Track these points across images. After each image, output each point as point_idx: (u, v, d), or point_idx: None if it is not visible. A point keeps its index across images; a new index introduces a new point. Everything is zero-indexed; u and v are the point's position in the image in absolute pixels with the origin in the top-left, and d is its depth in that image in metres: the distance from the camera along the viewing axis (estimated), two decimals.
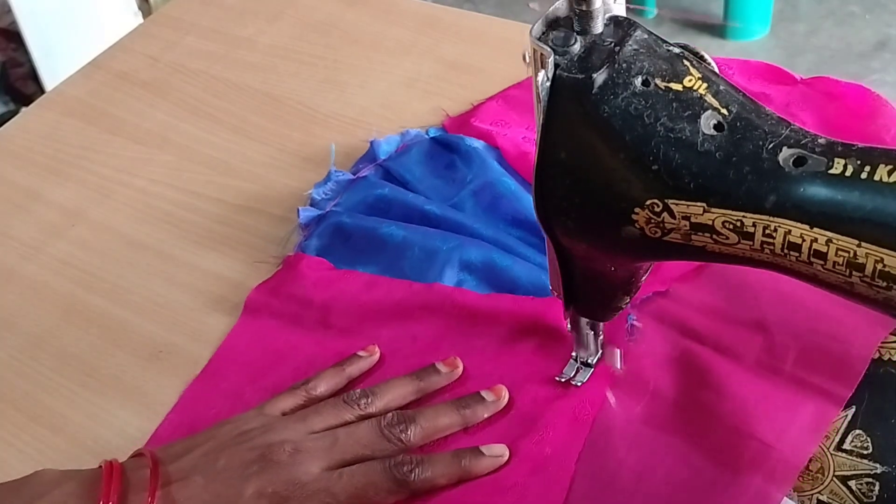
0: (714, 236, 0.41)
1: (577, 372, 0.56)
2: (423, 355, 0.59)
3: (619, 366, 0.56)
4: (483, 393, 0.56)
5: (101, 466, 0.51)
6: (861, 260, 0.37)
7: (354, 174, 0.73)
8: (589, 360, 0.56)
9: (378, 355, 0.60)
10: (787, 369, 0.55)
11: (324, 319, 0.63)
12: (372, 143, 0.74)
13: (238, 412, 0.56)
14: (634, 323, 0.58)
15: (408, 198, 0.69)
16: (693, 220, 0.41)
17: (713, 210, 0.40)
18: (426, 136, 0.75)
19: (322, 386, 0.57)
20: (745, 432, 0.52)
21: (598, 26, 0.42)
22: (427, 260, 0.64)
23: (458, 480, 0.52)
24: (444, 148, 0.73)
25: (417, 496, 0.52)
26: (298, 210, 0.70)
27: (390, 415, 0.54)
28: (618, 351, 0.56)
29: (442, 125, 0.76)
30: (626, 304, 0.51)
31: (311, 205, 0.71)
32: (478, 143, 0.72)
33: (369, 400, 0.55)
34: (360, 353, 0.59)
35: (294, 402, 0.56)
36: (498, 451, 0.53)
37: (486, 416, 0.55)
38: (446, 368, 0.58)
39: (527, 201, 0.66)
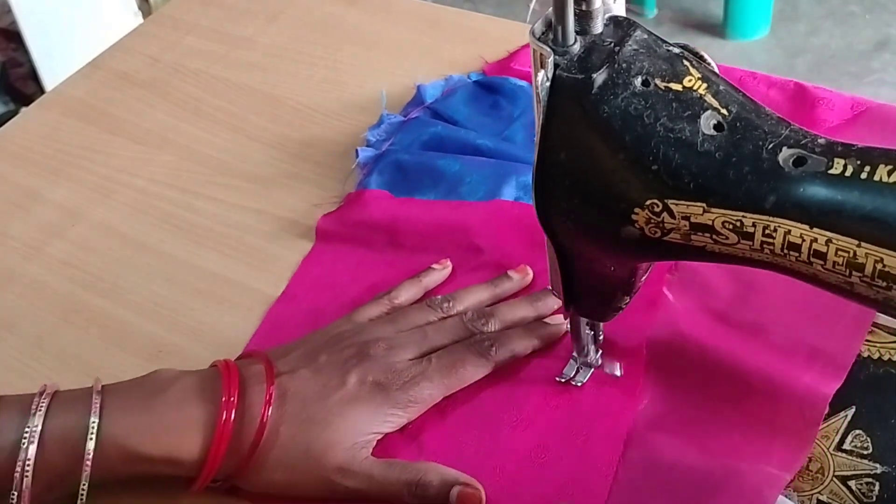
0: (714, 236, 0.41)
1: (577, 372, 0.56)
2: (489, 267, 0.63)
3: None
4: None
5: (214, 365, 0.54)
6: (861, 260, 0.37)
7: (405, 117, 0.76)
8: (589, 361, 0.56)
9: (451, 268, 0.64)
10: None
11: (392, 240, 0.67)
12: (418, 87, 0.78)
13: (322, 327, 0.59)
14: None
15: (460, 133, 0.73)
16: (693, 220, 0.41)
17: (713, 210, 0.40)
18: (469, 80, 0.78)
19: (403, 295, 0.61)
20: (794, 336, 0.56)
21: (598, 26, 0.42)
22: (484, 184, 0.68)
23: (531, 350, 0.58)
24: (488, 90, 0.77)
25: (499, 366, 0.57)
26: (357, 150, 0.73)
27: (471, 311, 0.59)
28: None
29: (482, 71, 0.80)
30: (626, 303, 0.51)
31: (367, 146, 0.74)
32: (521, 83, 0.76)
33: (450, 304, 0.60)
34: (435, 265, 0.64)
35: (379, 311, 0.60)
36: (558, 320, 0.59)
37: (556, 306, 0.60)
38: (518, 276, 0.62)
39: None
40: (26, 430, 0.49)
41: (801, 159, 0.39)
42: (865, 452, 0.51)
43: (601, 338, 0.56)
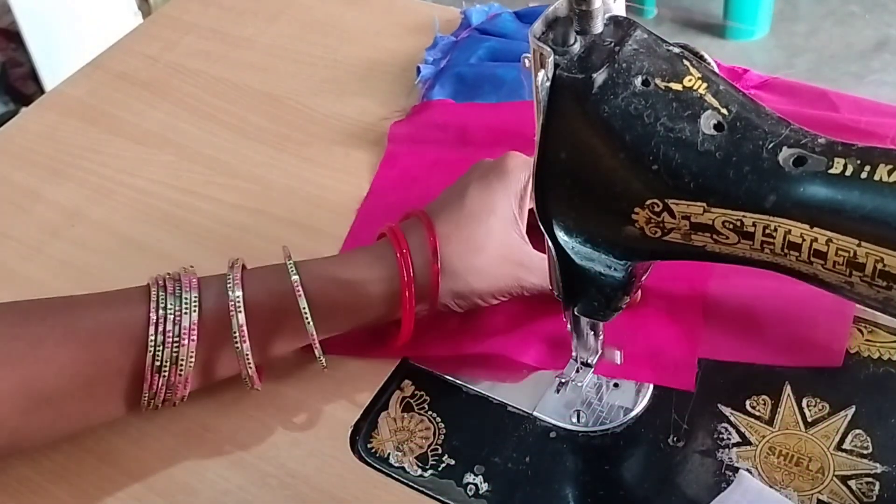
0: (714, 236, 0.41)
1: (577, 372, 0.56)
2: None
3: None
4: None
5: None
6: (861, 259, 0.37)
7: (457, 38, 0.82)
8: (589, 360, 0.56)
9: None
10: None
11: (463, 138, 0.72)
12: (464, 12, 0.85)
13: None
14: None
15: (513, 45, 0.78)
16: (693, 219, 0.41)
17: (713, 210, 0.40)
18: (510, 11, 0.84)
19: None
20: None
21: (598, 26, 0.42)
22: None
23: None
24: (529, 19, 0.82)
25: None
26: (418, 67, 0.79)
27: None
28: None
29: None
30: (626, 303, 0.51)
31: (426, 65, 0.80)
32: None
33: None
34: None
35: None
36: None
37: None
38: None
39: None
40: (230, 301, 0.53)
41: (802, 159, 0.39)
42: (865, 452, 0.51)
43: (601, 337, 0.56)
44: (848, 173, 0.37)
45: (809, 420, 0.53)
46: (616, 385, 0.57)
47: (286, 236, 0.70)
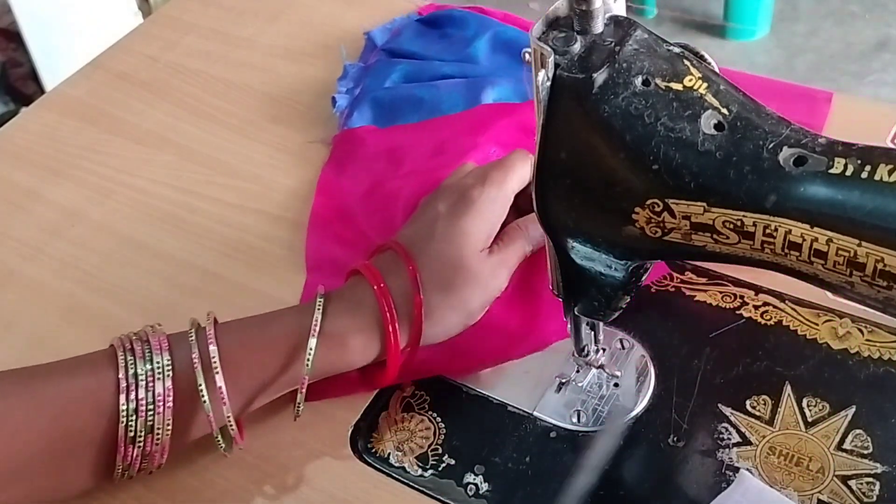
0: (714, 236, 0.41)
1: (577, 372, 0.56)
2: (499, 152, 0.66)
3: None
4: None
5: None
6: (861, 259, 0.37)
7: (365, 64, 0.80)
8: (589, 360, 0.56)
9: None
10: None
11: (394, 161, 0.70)
12: (367, 34, 0.83)
13: (364, 245, 0.63)
14: None
15: (424, 66, 0.76)
16: (693, 219, 0.41)
17: (713, 210, 0.40)
18: (411, 20, 0.83)
19: None
20: None
21: (599, 26, 0.42)
22: (462, 99, 0.72)
23: None
24: (432, 25, 0.81)
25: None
26: (333, 97, 0.77)
27: None
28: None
29: (417, 12, 0.84)
30: (627, 303, 0.51)
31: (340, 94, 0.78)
32: (463, 11, 0.80)
33: None
34: None
35: None
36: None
37: None
38: None
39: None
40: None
41: (802, 159, 0.39)
42: (866, 452, 0.51)
43: (601, 337, 0.56)
44: (848, 173, 0.37)
45: (810, 420, 0.53)
46: (616, 385, 0.57)
47: (286, 236, 0.70)
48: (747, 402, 0.55)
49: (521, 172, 0.57)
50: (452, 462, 0.55)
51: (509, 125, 0.69)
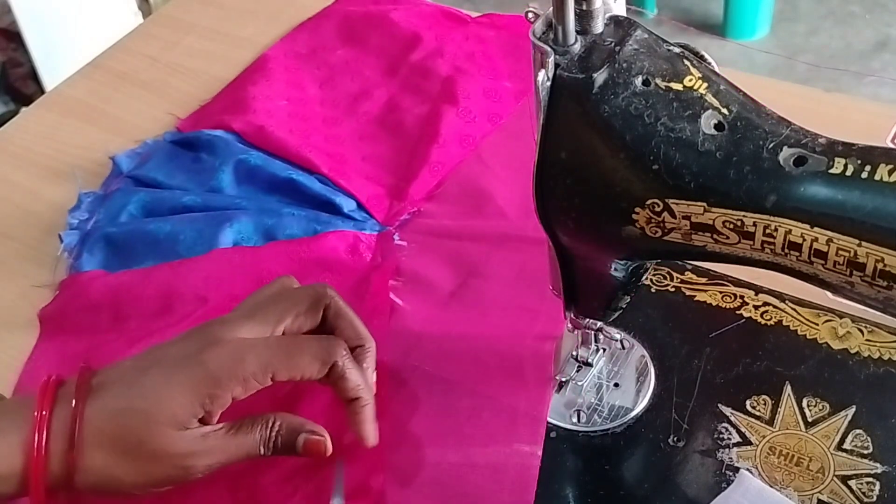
0: (714, 236, 0.41)
1: (577, 371, 0.56)
2: (222, 312, 0.59)
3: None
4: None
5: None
6: (861, 259, 0.37)
7: (106, 193, 0.73)
8: (589, 360, 0.56)
9: None
10: (531, 235, 0.62)
11: (117, 315, 0.64)
12: (113, 159, 0.76)
13: None
14: (400, 242, 0.66)
15: (164, 195, 0.71)
16: (693, 219, 0.41)
17: (713, 210, 0.40)
18: (164, 141, 0.77)
19: None
20: (516, 302, 0.61)
21: (599, 26, 0.42)
22: (200, 237, 0.67)
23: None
24: (185, 146, 0.76)
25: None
26: (60, 235, 0.70)
27: None
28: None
29: (176, 128, 0.79)
30: (627, 303, 0.51)
31: (71, 230, 0.71)
32: (217, 132, 0.76)
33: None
34: None
35: None
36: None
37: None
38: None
39: (276, 167, 0.72)
40: None
41: (802, 159, 0.39)
42: (866, 452, 0.51)
43: (601, 337, 0.56)
44: (848, 173, 0.37)
45: (810, 420, 0.53)
46: (616, 385, 0.57)
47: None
48: (747, 402, 0.55)
49: (284, 367, 0.49)
50: None
51: (245, 276, 0.64)
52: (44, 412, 0.47)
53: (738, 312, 0.59)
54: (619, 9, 0.43)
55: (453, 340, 0.60)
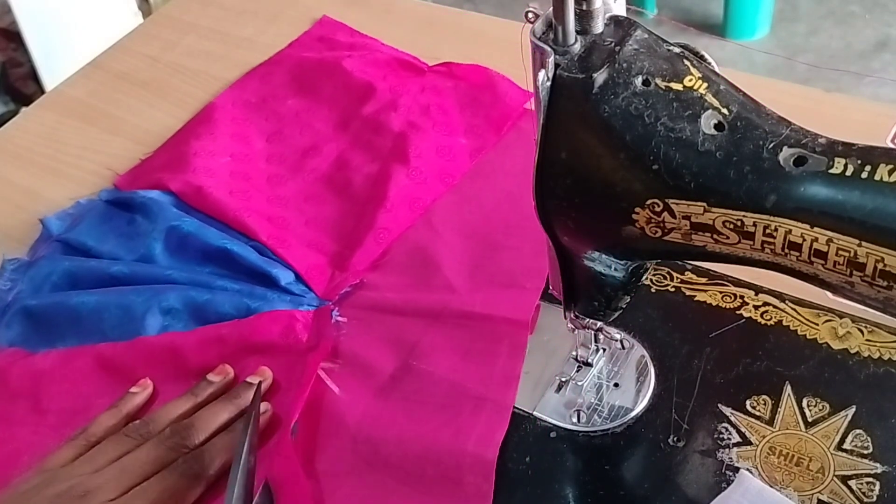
0: (714, 236, 0.41)
1: (577, 371, 0.57)
2: (152, 405, 0.60)
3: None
4: (249, 379, 0.59)
5: None
6: (861, 259, 0.37)
7: (32, 258, 0.69)
8: (589, 360, 0.56)
9: (151, 388, 0.60)
10: (478, 311, 0.60)
11: (35, 406, 0.60)
12: (43, 221, 0.72)
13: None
14: (339, 319, 0.62)
15: (91, 265, 0.67)
16: (693, 219, 0.40)
17: (713, 210, 0.40)
18: (99, 201, 0.73)
19: (99, 428, 0.56)
20: (458, 388, 0.57)
21: (599, 26, 0.42)
22: (126, 316, 0.63)
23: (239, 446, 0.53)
24: (121, 207, 0.72)
25: (218, 481, 0.53)
26: None
27: (167, 429, 0.55)
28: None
29: (114, 185, 0.75)
30: (627, 303, 0.51)
31: None
32: (152, 193, 0.71)
33: (149, 427, 0.55)
34: (133, 389, 0.59)
35: (73, 453, 0.55)
36: (254, 380, 0.58)
37: (251, 396, 0.57)
38: (218, 377, 0.59)
39: (211, 235, 0.68)
40: None
41: (802, 159, 0.38)
42: (866, 452, 0.51)
43: (601, 338, 0.56)
44: (848, 173, 0.37)
45: (810, 420, 0.53)
46: (616, 385, 0.57)
47: None
48: (747, 402, 0.55)
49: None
50: None
51: (169, 370, 0.61)
52: None
53: (738, 312, 0.59)
54: (619, 9, 0.43)
55: (389, 445, 0.55)
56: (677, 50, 0.42)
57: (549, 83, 0.41)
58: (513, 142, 0.74)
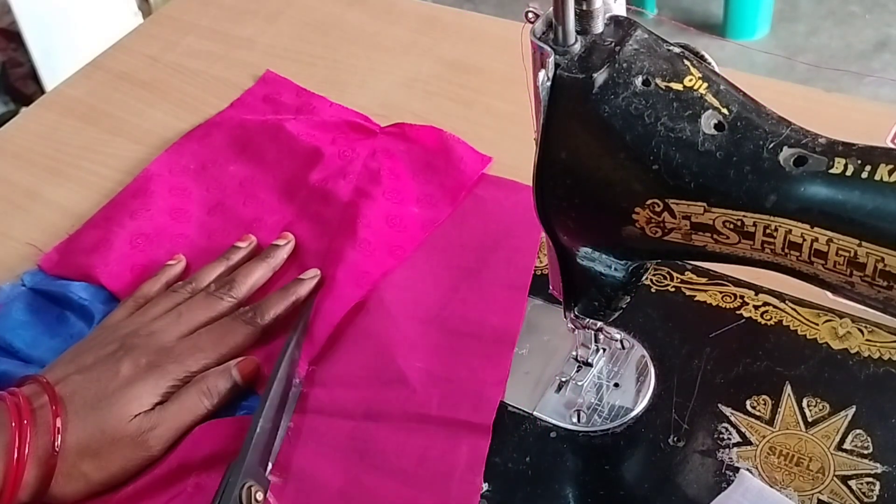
0: (714, 236, 0.41)
1: (577, 371, 0.57)
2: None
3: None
4: (277, 241, 0.66)
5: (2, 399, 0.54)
6: (862, 259, 0.37)
7: None
8: (589, 360, 0.56)
9: (185, 261, 0.67)
10: (435, 414, 0.56)
11: None
12: None
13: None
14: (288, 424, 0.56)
15: (10, 366, 0.61)
16: (693, 219, 0.41)
17: (714, 210, 0.40)
18: (23, 287, 0.66)
19: (145, 295, 0.63)
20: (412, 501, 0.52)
21: (599, 26, 0.42)
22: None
23: (293, 308, 0.61)
24: (50, 299, 0.66)
25: (268, 334, 0.60)
26: None
27: (212, 284, 0.63)
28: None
29: (38, 265, 0.69)
30: (627, 303, 0.51)
31: None
32: (83, 292, 0.65)
33: (193, 285, 0.63)
34: (170, 262, 0.66)
35: (127, 312, 0.62)
36: (312, 273, 0.63)
37: (285, 256, 0.65)
38: (244, 243, 0.66)
39: None
40: None
41: (802, 159, 0.39)
42: (866, 452, 0.51)
43: (601, 337, 0.56)
44: (848, 173, 0.37)
45: (810, 420, 0.53)
46: (616, 385, 0.57)
47: None
48: (747, 402, 0.55)
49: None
50: None
51: None
52: (24, 421, 0.51)
53: (738, 312, 0.59)
54: (619, 9, 0.43)
55: None
56: (677, 50, 0.42)
57: (549, 83, 0.41)
58: (470, 212, 0.68)
